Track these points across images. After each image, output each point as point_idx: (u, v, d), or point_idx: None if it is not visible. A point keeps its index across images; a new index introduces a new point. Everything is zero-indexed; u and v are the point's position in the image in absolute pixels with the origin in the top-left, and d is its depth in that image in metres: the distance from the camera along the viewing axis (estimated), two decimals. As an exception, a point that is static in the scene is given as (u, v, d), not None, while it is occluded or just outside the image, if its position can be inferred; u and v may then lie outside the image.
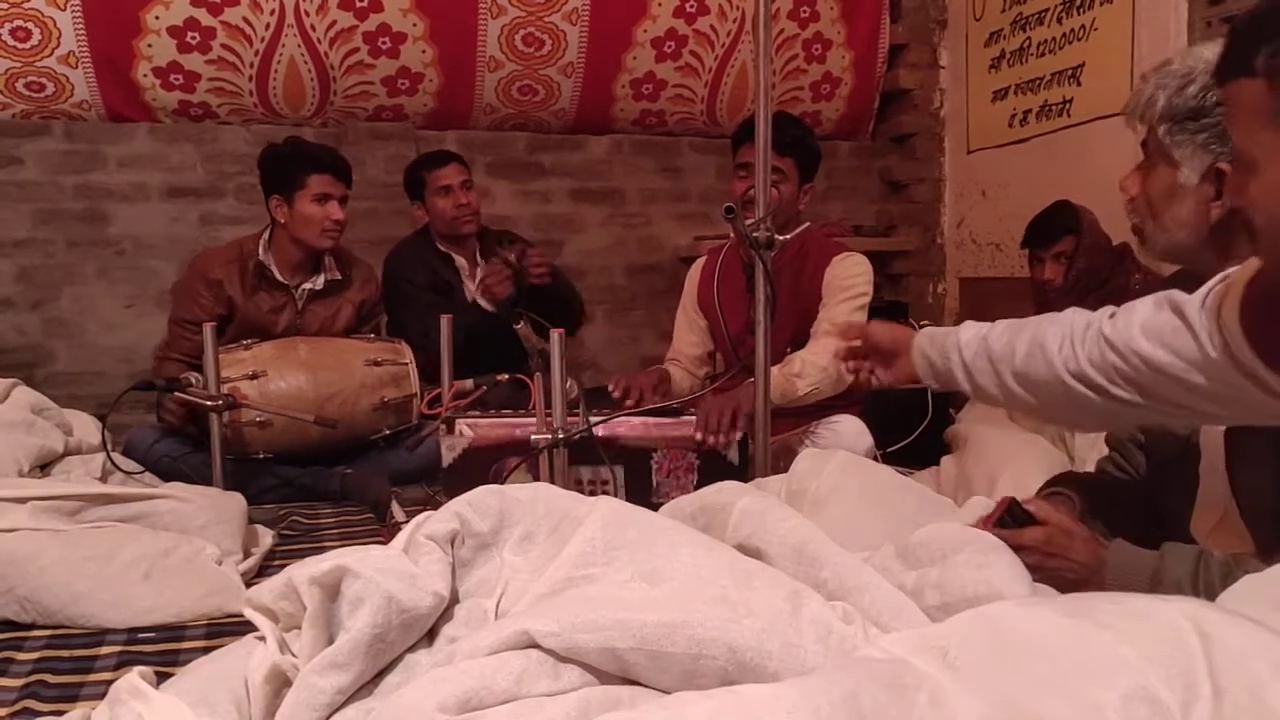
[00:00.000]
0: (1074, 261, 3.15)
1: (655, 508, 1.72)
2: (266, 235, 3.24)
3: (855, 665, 0.93)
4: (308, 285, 3.26)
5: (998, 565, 1.26)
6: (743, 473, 2.37)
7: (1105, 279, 3.13)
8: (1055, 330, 1.43)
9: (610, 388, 2.72)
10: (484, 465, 2.37)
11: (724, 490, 1.52)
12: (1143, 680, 0.86)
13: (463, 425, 2.52)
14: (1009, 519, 1.44)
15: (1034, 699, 0.86)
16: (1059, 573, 1.40)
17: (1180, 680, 0.86)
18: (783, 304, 2.65)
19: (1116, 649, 0.90)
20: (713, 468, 2.37)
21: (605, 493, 2.35)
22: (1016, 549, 1.29)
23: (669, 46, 4.41)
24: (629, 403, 2.63)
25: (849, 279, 2.86)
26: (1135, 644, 0.90)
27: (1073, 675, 0.88)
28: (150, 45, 3.90)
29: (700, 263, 3.20)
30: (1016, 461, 2.70)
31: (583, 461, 2.32)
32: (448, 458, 2.39)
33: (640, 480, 2.39)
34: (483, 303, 3.64)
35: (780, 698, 0.88)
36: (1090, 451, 2.86)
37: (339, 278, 3.32)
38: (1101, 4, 3.85)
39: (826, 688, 0.88)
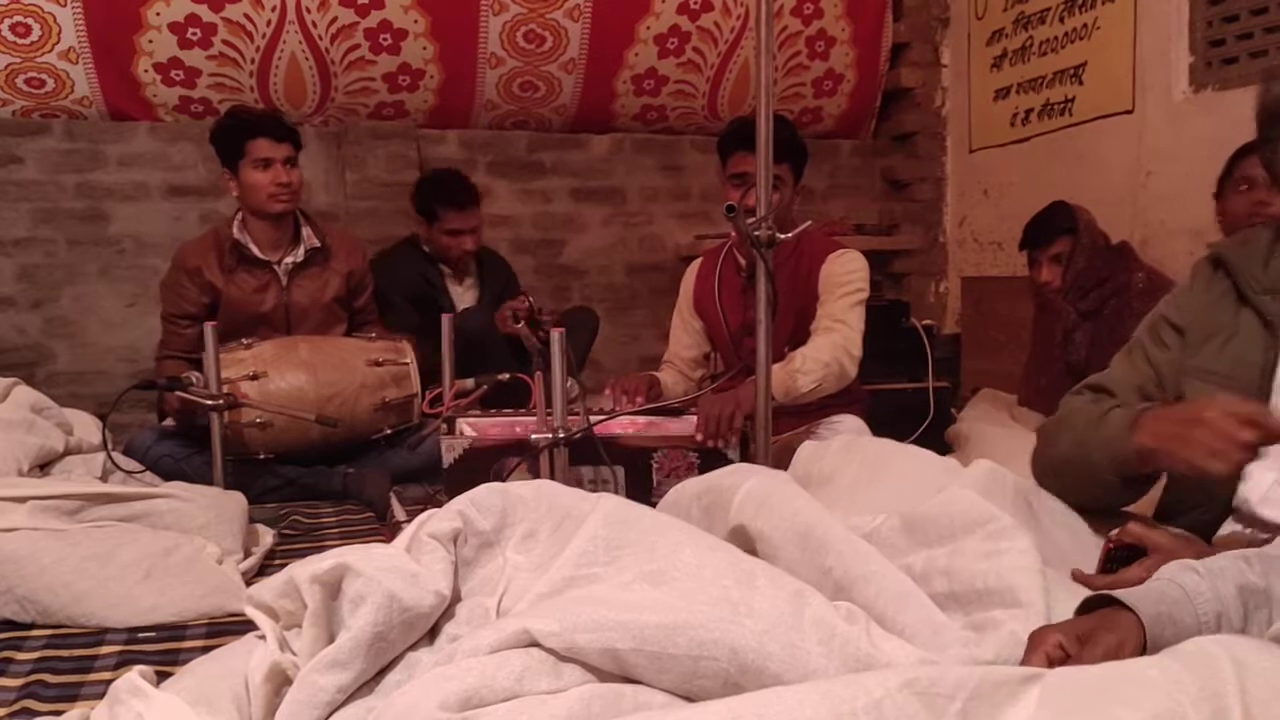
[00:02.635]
0: (1071, 262, 3.13)
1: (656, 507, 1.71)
2: (240, 216, 3.22)
3: (883, 672, 0.92)
4: (289, 259, 3.24)
5: (1009, 554, 1.23)
6: (744, 472, 2.36)
7: (1105, 278, 3.12)
8: None
9: (607, 391, 2.72)
10: (484, 466, 2.37)
11: (733, 472, 1.52)
12: (1171, 703, 0.84)
13: (464, 425, 2.52)
14: (1112, 565, 1.37)
15: None
16: None
17: (1209, 704, 0.85)
18: (781, 302, 2.64)
19: (1145, 670, 0.89)
20: (713, 467, 2.36)
21: (604, 494, 2.35)
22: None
23: (672, 43, 4.40)
24: (621, 402, 2.64)
25: (845, 275, 2.85)
26: (1164, 666, 0.89)
27: (1100, 697, 0.86)
28: (151, 41, 3.89)
29: (696, 265, 3.19)
30: (1018, 460, 2.68)
31: (584, 461, 2.31)
32: (447, 459, 2.38)
33: (641, 480, 2.38)
34: (460, 302, 3.71)
35: (804, 702, 0.87)
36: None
37: (319, 245, 3.28)
38: (1104, 3, 3.84)
39: (851, 695, 0.87)
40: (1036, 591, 1.18)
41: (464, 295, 3.80)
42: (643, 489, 2.37)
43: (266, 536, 2.38)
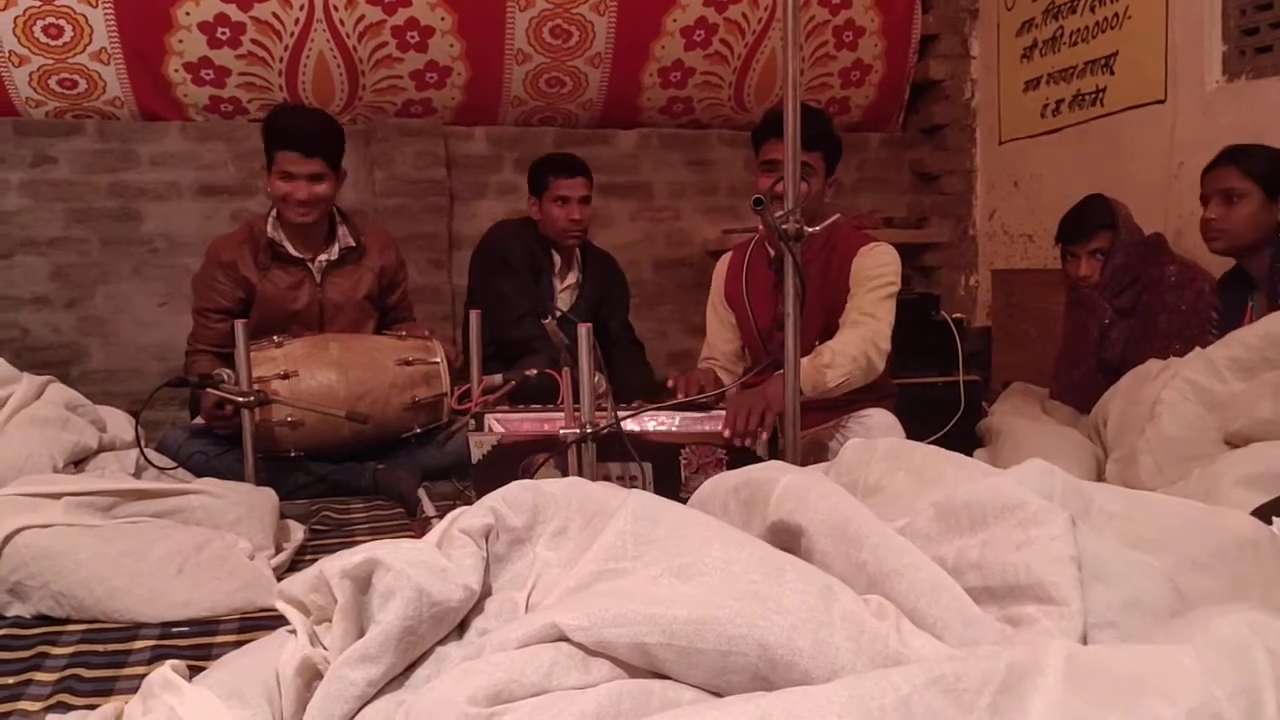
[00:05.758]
0: (1110, 258, 3.09)
1: (684, 503, 1.71)
2: (274, 212, 3.19)
3: (910, 668, 0.92)
4: (324, 257, 3.23)
5: (1039, 542, 1.20)
6: (772, 468, 2.34)
7: (1139, 274, 3.08)
8: None
9: (670, 383, 2.70)
10: (513, 462, 2.37)
11: (771, 467, 1.51)
12: (1207, 696, 0.84)
13: (492, 421, 2.52)
14: None
15: (1094, 713, 0.85)
16: None
17: (1244, 697, 0.84)
18: (811, 297, 2.62)
19: (1180, 660, 0.88)
20: (741, 464, 2.34)
21: (634, 489, 2.34)
22: None
23: (698, 35, 4.39)
24: (683, 397, 2.62)
25: (877, 269, 2.83)
26: (1200, 656, 0.88)
27: (1134, 689, 0.86)
28: (181, 41, 3.92)
29: (726, 258, 3.17)
30: (1050, 455, 2.64)
31: (612, 458, 2.31)
32: (476, 455, 2.38)
33: (669, 476, 2.37)
34: (558, 301, 3.70)
35: (832, 699, 0.86)
36: (1130, 437, 2.82)
37: (353, 245, 3.27)
38: (1135, -9, 3.80)
39: (880, 692, 0.87)
40: (1069, 585, 1.15)
41: (562, 295, 3.76)
42: (671, 485, 2.36)
43: (297, 532, 2.40)
